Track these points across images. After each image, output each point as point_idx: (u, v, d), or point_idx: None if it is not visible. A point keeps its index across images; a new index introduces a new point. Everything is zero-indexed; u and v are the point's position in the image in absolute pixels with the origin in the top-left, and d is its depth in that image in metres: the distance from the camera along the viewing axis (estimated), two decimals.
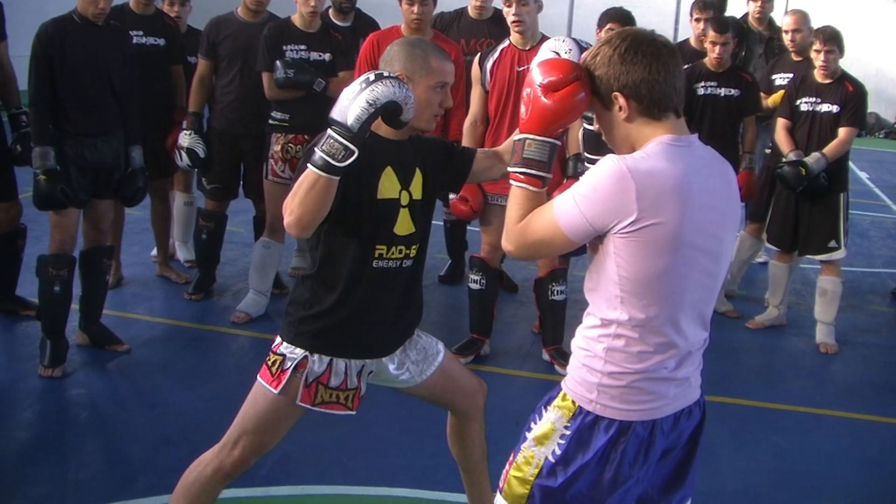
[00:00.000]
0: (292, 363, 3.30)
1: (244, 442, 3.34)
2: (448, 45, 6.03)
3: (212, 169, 6.57)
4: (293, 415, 3.36)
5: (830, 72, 6.38)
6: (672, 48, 2.58)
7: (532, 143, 2.64)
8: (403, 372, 3.53)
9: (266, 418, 3.34)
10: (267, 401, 3.32)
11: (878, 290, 8.22)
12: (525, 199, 2.63)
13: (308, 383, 3.29)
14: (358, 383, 3.39)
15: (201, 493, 3.38)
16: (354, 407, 3.41)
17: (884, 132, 18.86)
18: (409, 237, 3.33)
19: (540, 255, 2.72)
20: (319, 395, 3.32)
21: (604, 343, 2.60)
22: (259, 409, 3.34)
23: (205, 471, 3.37)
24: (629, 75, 2.51)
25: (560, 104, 2.59)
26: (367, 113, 2.88)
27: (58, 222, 5.38)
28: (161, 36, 6.58)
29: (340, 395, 3.36)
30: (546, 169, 2.64)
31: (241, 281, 7.07)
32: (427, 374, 3.56)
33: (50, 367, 5.34)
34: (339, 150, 2.89)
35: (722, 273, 2.66)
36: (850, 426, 5.49)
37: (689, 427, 2.75)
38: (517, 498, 2.71)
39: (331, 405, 3.36)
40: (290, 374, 3.29)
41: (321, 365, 3.31)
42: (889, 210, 11.94)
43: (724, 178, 2.64)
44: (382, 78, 2.91)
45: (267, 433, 3.36)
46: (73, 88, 5.27)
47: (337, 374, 3.33)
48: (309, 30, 6.13)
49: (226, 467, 3.35)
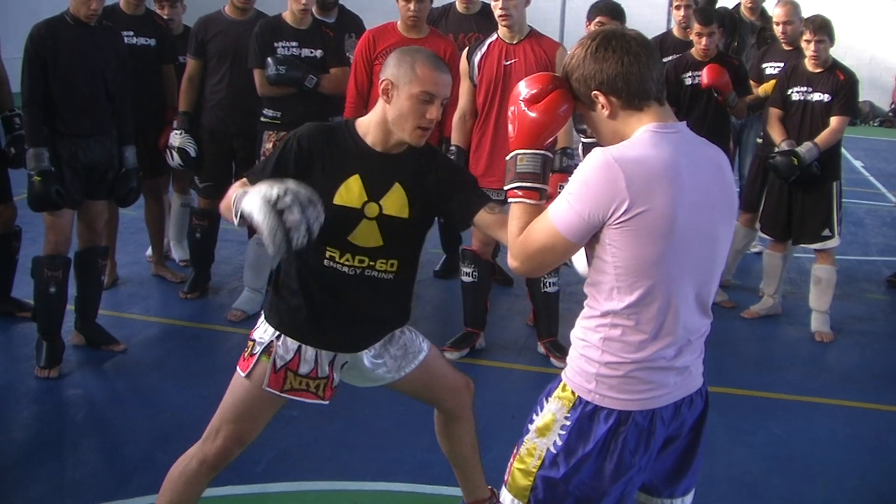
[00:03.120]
0: (261, 347, 3.32)
1: (224, 432, 3.36)
2: (444, 41, 6.04)
3: (204, 167, 6.57)
4: (268, 402, 3.36)
5: (821, 61, 6.39)
6: (643, 40, 2.60)
7: (524, 157, 2.66)
8: (380, 366, 3.51)
9: (242, 406, 3.35)
10: (241, 388, 3.35)
11: (873, 278, 8.23)
12: (524, 213, 2.64)
13: (277, 369, 3.30)
14: (330, 373, 3.38)
15: (188, 486, 3.39)
16: (326, 397, 3.41)
17: (878, 120, 18.85)
18: (374, 250, 3.29)
19: (545, 265, 2.68)
20: (289, 381, 3.32)
21: (601, 333, 2.61)
22: (235, 397, 3.37)
23: (190, 464, 3.39)
24: (603, 72, 2.54)
25: (545, 115, 2.63)
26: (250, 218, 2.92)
27: (52, 223, 5.38)
28: (152, 36, 6.57)
29: (311, 384, 3.36)
30: (541, 180, 2.66)
31: (235, 279, 7.07)
32: (406, 371, 3.55)
33: (46, 367, 5.34)
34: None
35: (720, 258, 2.67)
36: (846, 414, 5.50)
37: (691, 416, 2.76)
38: (521, 490, 2.72)
39: (301, 392, 3.36)
40: (257, 358, 3.31)
41: (288, 351, 3.32)
42: (884, 198, 11.95)
43: (715, 163, 2.65)
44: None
45: (245, 421, 3.37)
46: (66, 89, 5.27)
47: (306, 360, 3.33)
48: (300, 26, 6.13)
49: (209, 458, 3.36)
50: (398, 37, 5.92)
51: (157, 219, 7.14)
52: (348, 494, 4.32)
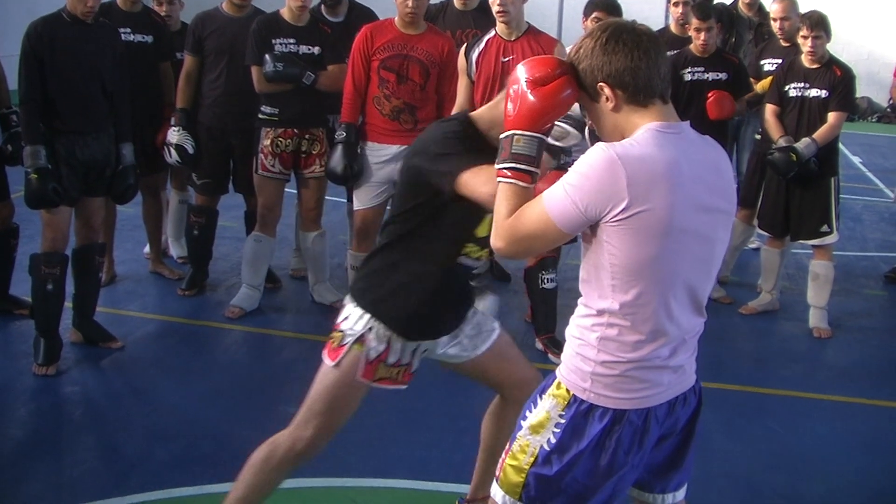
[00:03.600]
0: (352, 337, 3.32)
1: (315, 422, 3.38)
2: (442, 37, 6.03)
3: (201, 164, 6.56)
4: (359, 390, 3.39)
5: (818, 57, 6.39)
6: (653, 36, 2.59)
7: (521, 138, 2.63)
8: (455, 345, 3.53)
9: (332, 396, 3.37)
10: (331, 377, 3.36)
11: (871, 274, 8.23)
12: (514, 195, 2.62)
13: (371, 360, 3.32)
14: (411, 360, 3.42)
15: (271, 474, 3.43)
16: (405, 381, 3.45)
17: (876, 116, 18.82)
18: (486, 239, 3.23)
19: (531, 251, 2.70)
20: (379, 372, 3.35)
21: (597, 332, 2.61)
22: (325, 387, 3.38)
23: (276, 451, 3.41)
24: (612, 65, 2.52)
25: (548, 99, 2.60)
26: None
27: (50, 221, 5.37)
28: (149, 33, 6.57)
29: (394, 371, 3.39)
30: (535, 164, 2.64)
31: (233, 276, 7.07)
32: (480, 350, 3.56)
33: (44, 365, 5.34)
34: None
35: (716, 259, 2.67)
36: (843, 410, 5.50)
37: (684, 414, 2.76)
38: (513, 486, 2.73)
39: (386, 381, 3.39)
40: (348, 348, 3.32)
41: (380, 342, 3.32)
42: (882, 194, 11.93)
43: (715, 164, 2.64)
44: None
45: (335, 411, 3.39)
46: (63, 86, 5.26)
47: (395, 351, 3.35)
48: (298, 23, 6.12)
49: (298, 448, 3.39)
50: (395, 32, 5.90)
51: (155, 216, 7.14)
52: (346, 491, 4.32)
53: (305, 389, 3.42)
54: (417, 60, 5.86)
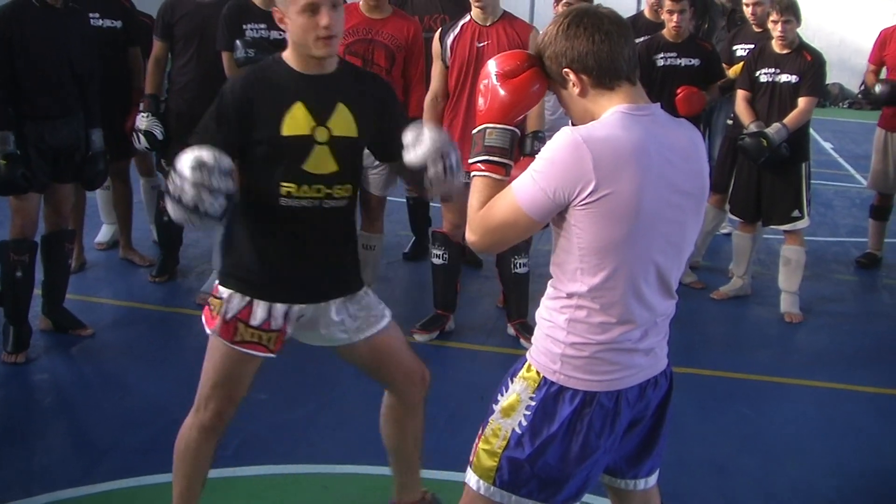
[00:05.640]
0: (219, 302, 3.33)
1: (212, 396, 3.37)
2: (408, 21, 5.99)
3: (170, 150, 6.51)
4: (242, 357, 3.33)
5: (788, 42, 6.39)
6: (616, 18, 2.59)
7: (493, 131, 2.65)
8: (338, 324, 3.44)
9: (219, 365, 3.35)
10: (211, 345, 3.36)
11: (842, 259, 8.27)
12: (486, 188, 2.62)
13: (227, 319, 3.28)
14: (283, 325, 3.35)
15: (196, 456, 3.43)
16: (276, 349, 3.37)
17: (847, 102, 18.93)
18: (331, 176, 3.26)
19: (505, 242, 2.69)
20: (240, 333, 3.30)
21: (566, 314, 2.61)
22: (209, 356, 3.38)
23: (190, 435, 3.41)
24: (574, 49, 2.53)
25: (518, 92, 2.63)
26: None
27: (18, 207, 5.32)
28: (118, 18, 6.52)
29: (263, 336, 3.32)
30: (508, 156, 2.65)
31: (204, 262, 7.03)
32: (363, 335, 3.47)
33: (13, 352, 5.31)
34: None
35: (687, 242, 2.67)
36: (815, 394, 5.53)
37: (655, 397, 2.76)
38: (486, 470, 2.72)
39: (251, 345, 3.32)
40: (214, 311, 3.33)
41: (241, 301, 3.29)
42: (853, 180, 12.00)
43: (687, 147, 2.63)
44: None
45: (227, 381, 3.36)
46: (32, 71, 5.20)
47: (259, 312, 3.30)
48: (268, 8, 6.06)
49: (206, 424, 3.38)
50: (360, 17, 5.84)
51: (125, 202, 7.09)
52: (318, 478, 4.31)
53: (276, 376, 3.42)
54: (383, 45, 5.82)
